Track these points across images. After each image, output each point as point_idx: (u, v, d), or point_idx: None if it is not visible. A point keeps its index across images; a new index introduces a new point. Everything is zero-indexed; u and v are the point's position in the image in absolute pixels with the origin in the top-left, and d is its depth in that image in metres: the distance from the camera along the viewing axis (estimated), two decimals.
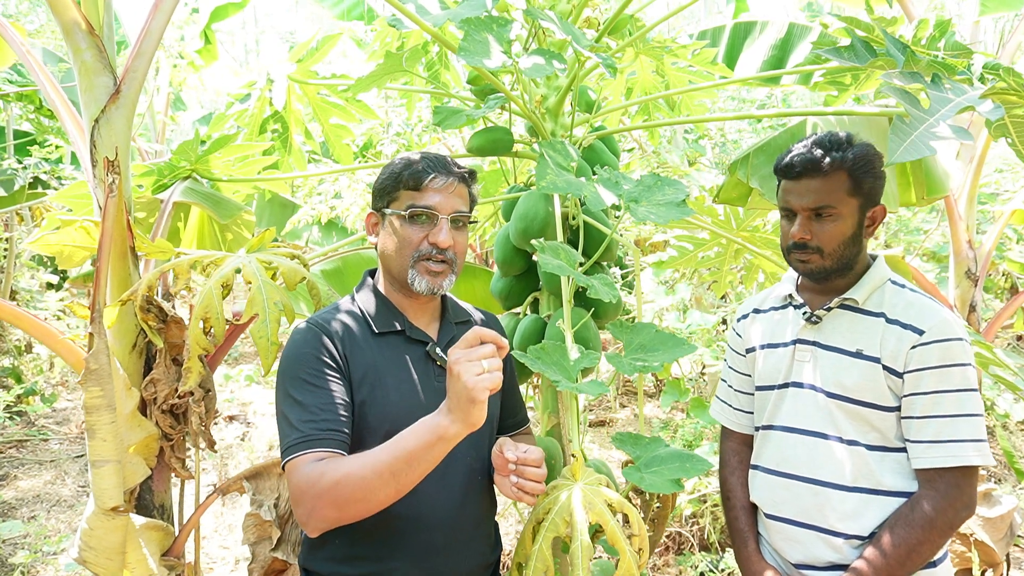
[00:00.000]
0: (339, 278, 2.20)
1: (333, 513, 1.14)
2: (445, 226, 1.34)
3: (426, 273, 1.34)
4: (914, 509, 1.39)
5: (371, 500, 1.13)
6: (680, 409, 5.95)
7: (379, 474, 1.12)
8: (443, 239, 1.33)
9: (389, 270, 1.40)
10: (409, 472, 1.12)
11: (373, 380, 1.31)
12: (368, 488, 1.12)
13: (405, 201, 1.35)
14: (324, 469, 1.15)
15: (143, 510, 1.71)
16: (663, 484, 1.59)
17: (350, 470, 1.14)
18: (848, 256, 1.48)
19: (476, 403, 1.07)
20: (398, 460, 1.12)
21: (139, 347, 1.72)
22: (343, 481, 1.13)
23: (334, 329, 1.33)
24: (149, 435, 1.63)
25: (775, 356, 1.61)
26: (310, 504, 1.15)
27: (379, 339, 1.36)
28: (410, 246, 1.34)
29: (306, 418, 1.21)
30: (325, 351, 1.29)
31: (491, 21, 1.69)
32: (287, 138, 3.00)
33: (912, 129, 1.11)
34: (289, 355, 1.30)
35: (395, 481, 1.12)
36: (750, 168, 1.94)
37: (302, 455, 1.19)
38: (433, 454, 1.12)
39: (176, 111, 7.83)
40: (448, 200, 1.35)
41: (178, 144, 2.12)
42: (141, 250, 1.70)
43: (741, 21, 3.62)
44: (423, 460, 1.12)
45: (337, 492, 1.13)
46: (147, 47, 1.71)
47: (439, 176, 1.34)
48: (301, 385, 1.25)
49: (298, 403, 1.23)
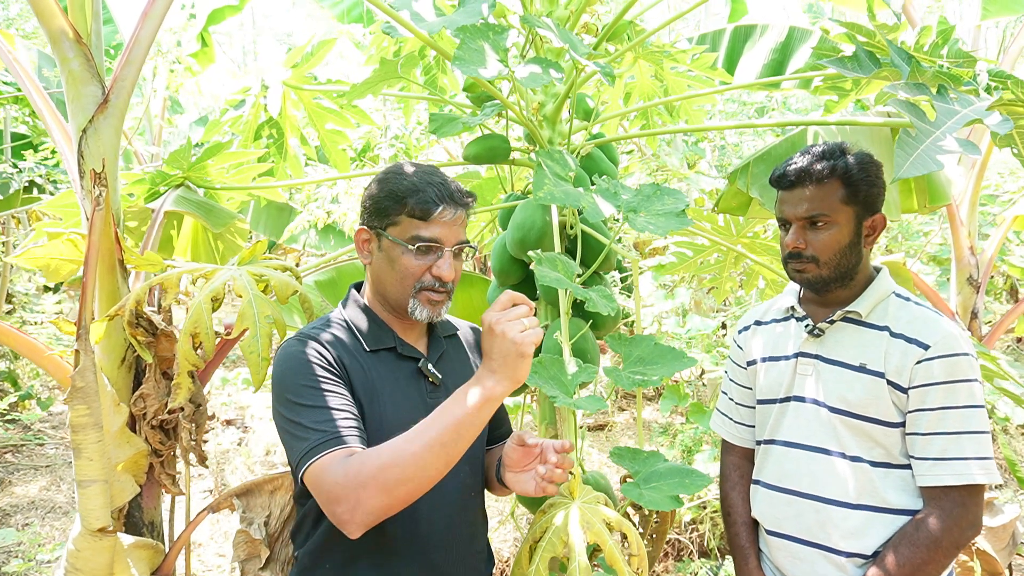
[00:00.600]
0: (333, 289, 2.17)
1: (382, 500, 1.08)
2: (449, 259, 1.31)
3: (427, 303, 1.31)
4: (919, 528, 1.36)
5: (422, 477, 1.09)
6: (680, 413, 5.92)
7: (430, 447, 1.08)
8: (447, 273, 1.30)
9: (385, 295, 1.35)
10: (459, 441, 1.09)
11: (370, 397, 1.28)
12: (420, 464, 1.08)
13: (409, 230, 1.30)
14: (363, 459, 1.10)
15: (132, 528, 1.67)
16: (662, 501, 1.56)
17: (395, 450, 1.09)
18: (845, 265, 1.46)
19: (525, 357, 1.08)
20: (447, 430, 1.08)
21: (128, 361, 1.68)
22: (390, 463, 1.08)
23: (328, 342, 1.29)
24: (138, 452, 1.60)
25: (777, 369, 1.58)
26: (354, 497, 1.08)
27: (371, 356, 1.33)
28: (412, 277, 1.30)
29: (323, 418, 1.17)
30: (324, 360, 1.25)
31: (487, 29, 1.66)
32: (282, 144, 2.97)
33: (918, 143, 1.08)
34: (285, 368, 1.24)
35: (445, 453, 1.09)
36: (750, 177, 1.92)
37: (328, 453, 1.13)
38: (481, 418, 1.10)
39: (173, 114, 7.80)
40: (453, 232, 1.32)
41: (173, 148, 2.09)
42: (130, 263, 1.66)
43: (741, 25, 3.60)
44: (472, 425, 1.10)
45: (385, 476, 1.08)
46: (136, 55, 1.68)
47: (447, 208, 1.30)
48: (306, 391, 1.20)
49: (308, 407, 1.18)
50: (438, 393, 1.36)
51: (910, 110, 1.12)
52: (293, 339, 1.30)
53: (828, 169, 1.41)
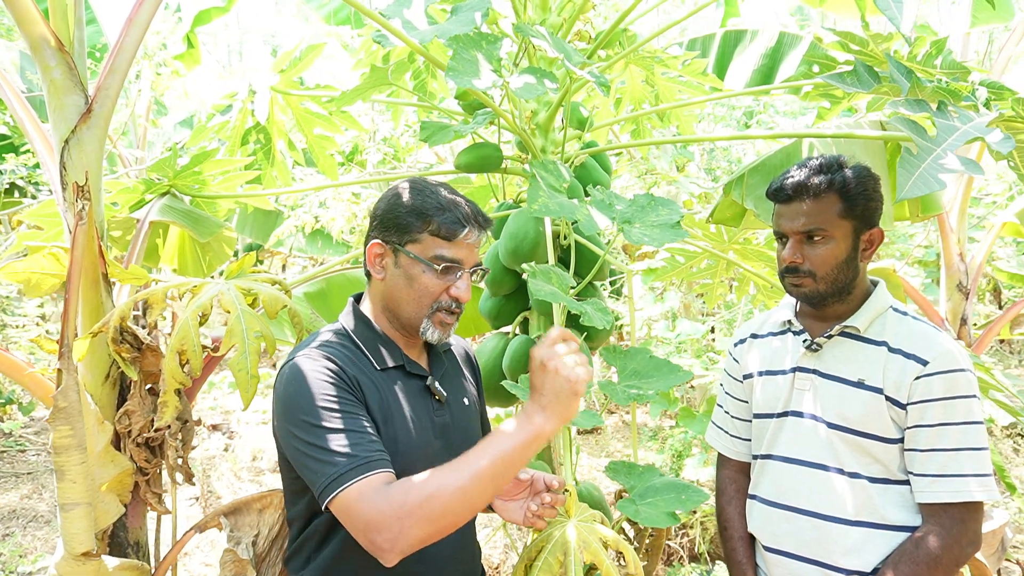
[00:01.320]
0: (324, 301, 2.14)
1: (425, 530, 1.07)
2: (468, 280, 1.29)
3: (439, 325, 1.29)
4: (919, 546, 1.35)
5: (466, 509, 1.08)
6: (669, 417, 5.92)
7: (479, 480, 1.07)
8: (464, 294, 1.28)
9: (397, 313, 1.31)
10: (506, 475, 1.09)
11: (384, 417, 1.24)
12: (467, 497, 1.07)
13: (432, 249, 1.26)
14: (407, 488, 1.08)
15: (117, 549, 1.63)
16: (659, 517, 1.55)
17: (444, 481, 1.08)
18: (843, 280, 1.45)
19: (578, 395, 1.08)
20: (496, 464, 1.07)
21: (112, 378, 1.64)
22: (437, 494, 1.06)
23: (341, 361, 1.23)
24: (123, 471, 1.56)
25: (774, 384, 1.57)
26: (397, 527, 1.06)
27: (382, 375, 1.29)
28: (430, 296, 1.27)
29: (351, 442, 1.13)
30: (340, 379, 1.20)
31: (480, 38, 1.63)
32: (270, 149, 2.93)
33: (920, 161, 1.06)
34: (299, 387, 1.19)
35: (493, 486, 1.08)
36: (745, 188, 1.90)
37: (362, 479, 1.09)
38: (528, 454, 1.09)
39: (159, 116, 7.70)
40: (472, 254, 1.31)
41: (158, 150, 2.04)
42: (114, 276, 1.62)
43: (731, 29, 3.59)
44: (520, 461, 1.09)
45: (431, 507, 1.06)
46: (121, 63, 1.64)
47: (472, 231, 1.28)
48: (326, 413, 1.15)
49: (331, 430, 1.14)
50: (444, 411, 1.34)
51: (911, 128, 1.10)
52: (302, 356, 1.23)
53: (826, 183, 1.40)
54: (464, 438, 1.37)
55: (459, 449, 1.34)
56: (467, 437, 1.38)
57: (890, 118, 1.15)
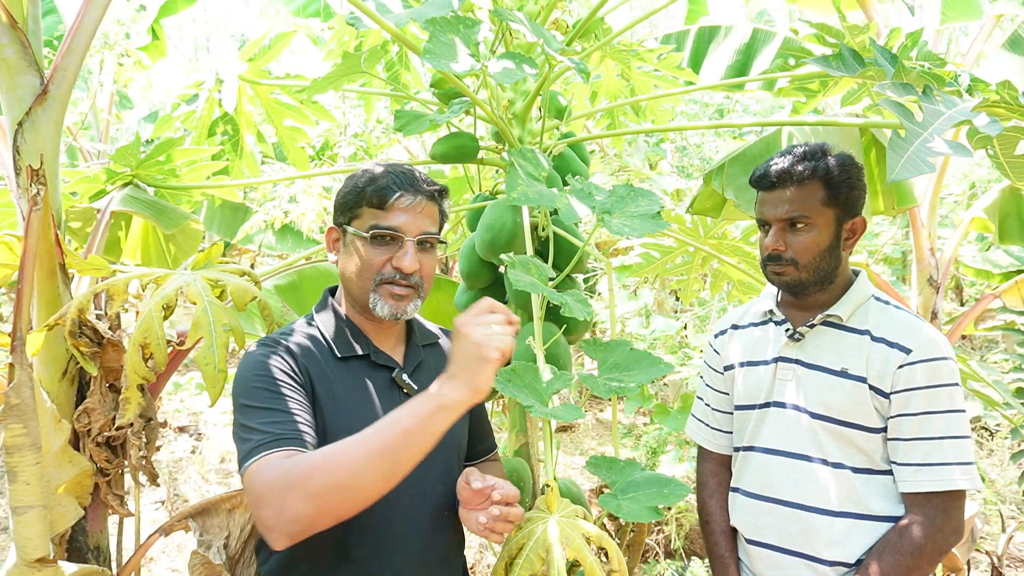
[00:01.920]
0: (295, 294, 2.07)
1: (307, 507, 0.97)
2: (411, 249, 1.23)
3: (389, 297, 1.23)
4: (902, 536, 1.34)
5: (356, 488, 0.98)
6: (644, 414, 5.93)
7: (368, 454, 0.97)
8: (408, 263, 1.22)
9: (350, 292, 1.29)
10: (406, 451, 0.99)
11: (335, 408, 1.20)
12: (354, 471, 0.97)
13: (368, 220, 1.24)
14: (296, 461, 1.00)
15: (76, 554, 1.55)
16: (641, 512, 1.51)
17: (330, 454, 0.99)
18: (825, 268, 1.44)
19: (486, 362, 1.01)
20: (390, 436, 0.99)
21: (70, 374, 1.56)
22: (321, 467, 0.97)
23: (292, 349, 1.22)
24: (82, 471, 1.48)
25: (755, 374, 1.56)
26: (277, 501, 0.97)
27: (341, 364, 1.25)
28: (372, 269, 1.23)
29: (271, 419, 1.08)
30: (285, 364, 1.17)
31: (458, 22, 1.59)
32: (238, 141, 2.84)
33: (908, 144, 1.05)
34: (242, 373, 1.17)
35: (386, 463, 0.98)
36: (725, 178, 1.89)
37: (268, 455, 1.03)
38: (432, 428, 1.01)
39: (123, 109, 7.49)
40: (415, 220, 1.25)
41: (119, 146, 1.96)
42: (72, 267, 1.54)
43: (706, 25, 3.59)
44: (420, 435, 1.00)
45: (314, 480, 0.96)
46: (79, 43, 1.56)
47: (405, 195, 1.24)
48: (258, 394, 1.12)
49: (257, 409, 1.10)
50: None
51: (899, 111, 1.09)
52: (256, 344, 1.23)
53: (809, 170, 1.39)
54: (445, 436, 1.31)
55: (437, 447, 1.29)
56: (448, 435, 1.32)
57: (877, 101, 1.14)
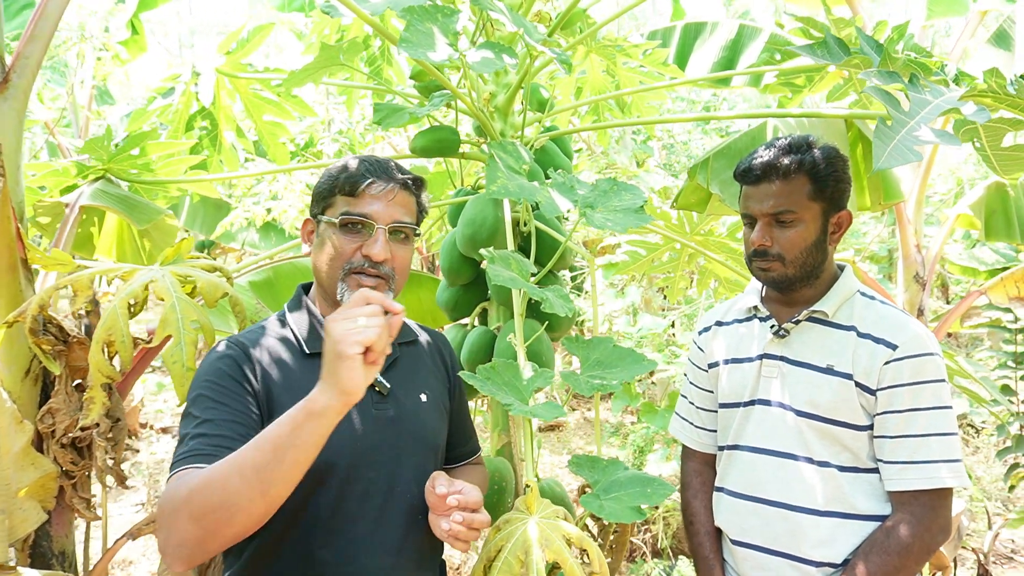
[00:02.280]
0: (270, 290, 2.02)
1: (193, 530, 0.92)
2: (381, 237, 1.19)
3: (357, 287, 1.19)
4: (889, 535, 1.32)
5: (232, 507, 0.92)
6: (631, 412, 5.91)
7: (240, 471, 0.92)
8: (377, 251, 1.18)
9: (321, 283, 1.25)
10: (276, 465, 0.92)
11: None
12: (228, 490, 0.92)
13: (339, 208, 1.21)
14: (182, 482, 0.96)
15: (40, 560, 1.50)
16: (623, 512, 1.48)
17: (209, 474, 0.95)
18: (812, 264, 1.41)
19: (344, 359, 0.91)
20: (259, 451, 0.93)
21: (34, 373, 1.50)
22: (200, 488, 0.93)
23: (254, 350, 1.18)
24: (45, 474, 1.43)
25: (740, 372, 1.52)
26: (168, 523, 0.94)
27: (311, 361, 1.21)
28: (341, 257, 1.19)
29: (200, 432, 1.05)
30: (238, 369, 1.13)
31: (436, 11, 1.55)
32: (216, 135, 2.79)
33: (895, 133, 1.02)
34: (198, 373, 1.14)
35: (259, 479, 0.92)
36: (710, 172, 1.86)
37: (178, 471, 1.00)
38: (303, 436, 0.93)
39: (103, 104, 7.37)
40: (387, 209, 1.21)
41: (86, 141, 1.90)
42: (35, 262, 1.49)
43: (691, 22, 3.57)
44: (291, 447, 0.92)
45: (195, 502, 0.93)
46: (42, 30, 1.50)
47: (377, 182, 1.20)
48: (203, 402, 1.09)
49: (193, 418, 1.07)
50: (386, 405, 1.24)
51: (886, 98, 1.06)
52: (219, 344, 1.19)
53: (795, 164, 1.36)
54: (418, 436, 1.28)
55: (411, 446, 1.26)
56: (422, 435, 1.29)
57: (862, 90, 1.11)
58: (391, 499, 1.22)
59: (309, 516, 1.14)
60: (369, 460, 1.19)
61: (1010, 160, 1.37)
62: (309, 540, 1.14)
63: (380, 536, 1.19)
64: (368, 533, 1.18)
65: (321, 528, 1.15)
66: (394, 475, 1.23)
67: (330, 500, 1.15)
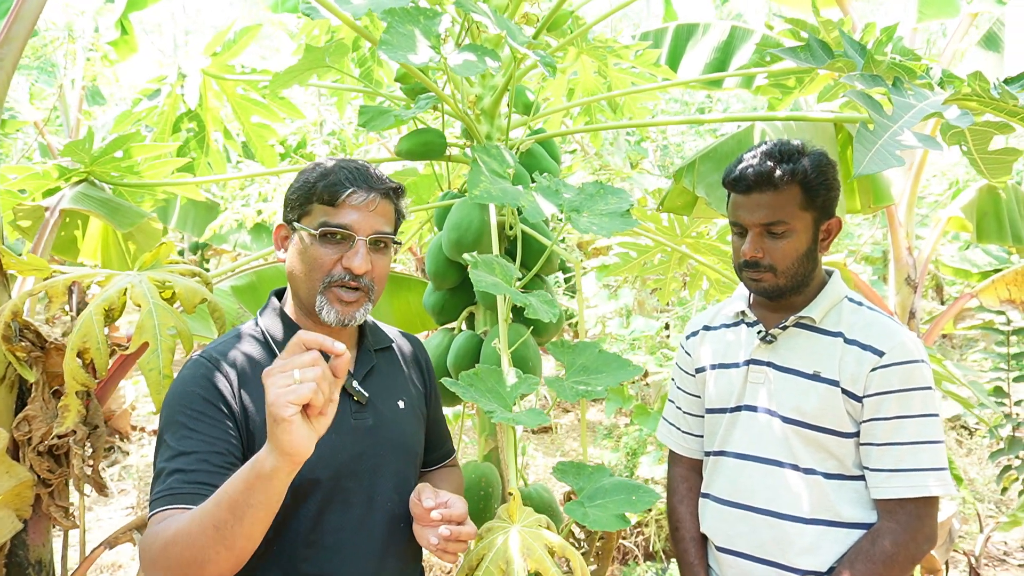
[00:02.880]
0: (253, 295, 1.99)
1: None
2: (362, 249, 1.16)
3: (337, 302, 1.16)
4: (875, 543, 1.30)
5: (202, 562, 0.94)
6: (625, 415, 5.90)
7: (203, 528, 0.93)
8: (358, 264, 1.15)
9: (297, 293, 1.22)
10: (235, 524, 0.91)
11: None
12: (195, 547, 0.93)
13: (318, 217, 1.17)
14: (158, 531, 0.98)
15: (16, 569, 1.47)
16: (608, 520, 1.46)
17: (178, 528, 0.96)
18: (803, 273, 1.39)
19: (280, 423, 0.87)
20: (219, 508, 0.93)
21: (9, 380, 1.48)
22: (171, 542, 0.96)
23: (229, 362, 1.14)
24: (21, 482, 1.40)
25: (727, 377, 1.51)
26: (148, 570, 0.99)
27: None
28: (320, 269, 1.16)
29: (174, 468, 1.03)
30: (214, 390, 1.10)
31: (418, 13, 1.53)
32: (203, 138, 2.76)
33: (877, 137, 1.00)
34: (172, 393, 1.12)
35: (219, 536, 0.92)
36: (696, 176, 1.84)
37: (160, 511, 1.01)
38: (256, 497, 0.91)
39: (94, 105, 7.34)
40: (367, 219, 1.18)
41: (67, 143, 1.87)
42: (10, 267, 1.46)
43: (683, 23, 3.56)
44: (246, 505, 0.91)
45: (167, 555, 0.96)
46: (18, 32, 1.48)
47: (358, 191, 1.17)
48: (178, 430, 1.07)
49: (170, 449, 1.05)
50: (364, 414, 1.22)
51: (868, 102, 1.05)
52: (193, 358, 1.16)
53: (787, 174, 1.33)
54: (397, 443, 1.26)
55: (390, 454, 1.24)
56: (401, 443, 1.27)
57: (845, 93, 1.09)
58: (372, 508, 1.20)
59: (291, 530, 1.13)
60: (350, 471, 1.18)
61: (997, 164, 1.36)
62: (292, 554, 1.13)
63: (362, 545, 1.18)
64: (350, 543, 1.17)
65: (303, 541, 1.13)
66: (374, 484, 1.21)
67: (312, 513, 1.14)
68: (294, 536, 1.13)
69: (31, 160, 6.18)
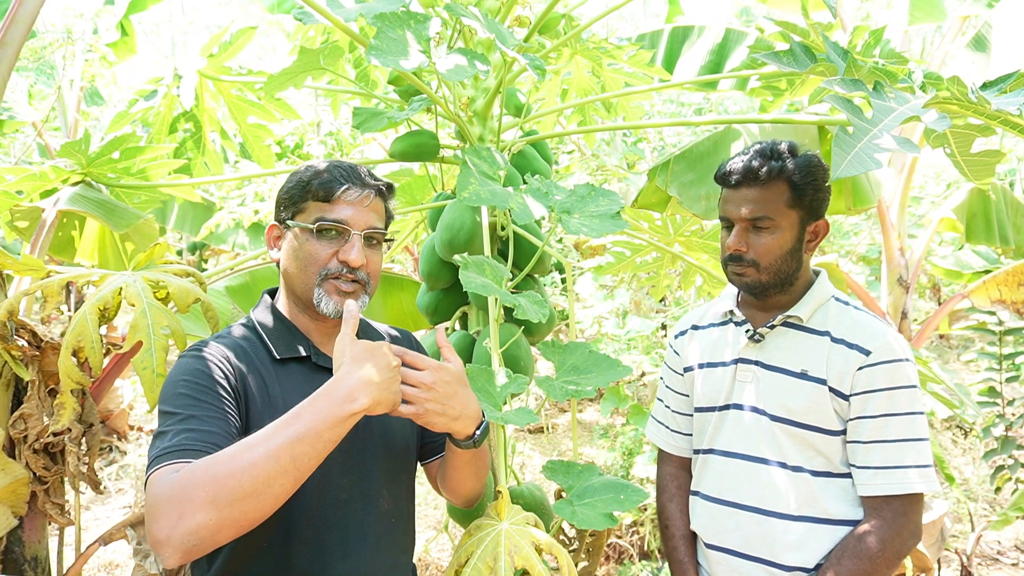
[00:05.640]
0: (247, 295, 2.01)
1: (210, 517, 0.89)
2: (358, 243, 1.20)
3: (335, 293, 1.19)
4: (861, 540, 1.33)
5: (263, 495, 0.91)
6: (621, 414, 5.92)
7: (276, 458, 0.92)
8: (355, 257, 1.18)
9: (292, 289, 1.24)
10: (312, 457, 0.95)
11: (272, 413, 1.14)
12: (260, 478, 0.91)
13: (313, 214, 1.20)
14: (192, 468, 0.93)
15: (11, 566, 1.49)
16: (596, 519, 1.48)
17: (232, 458, 0.93)
18: (786, 271, 1.41)
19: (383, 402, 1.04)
20: (298, 440, 0.94)
21: (5, 378, 1.50)
22: (224, 472, 0.91)
23: (227, 352, 1.16)
24: (16, 479, 1.42)
25: (715, 376, 1.53)
26: (176, 512, 0.89)
27: (280, 366, 1.21)
28: (317, 264, 1.19)
29: (185, 427, 1.02)
30: (217, 369, 1.12)
31: (408, 17, 1.55)
32: (200, 138, 2.78)
33: (856, 141, 1.02)
34: (171, 377, 1.12)
35: (295, 466, 0.93)
36: (669, 175, 1.86)
37: (164, 465, 0.97)
38: (336, 432, 0.98)
39: (93, 105, 7.35)
40: (361, 215, 1.21)
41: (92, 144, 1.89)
42: (6, 267, 1.48)
43: (679, 25, 3.59)
44: (328, 441, 0.97)
45: (216, 488, 0.90)
46: (14, 36, 1.50)
47: (352, 188, 1.20)
48: (178, 400, 1.06)
49: (172, 415, 1.05)
50: None
51: (847, 106, 1.07)
52: (191, 347, 1.18)
53: (776, 170, 1.36)
54: (389, 439, 1.28)
55: (381, 450, 1.26)
56: (393, 439, 1.29)
57: (824, 97, 1.11)
58: (363, 504, 1.22)
59: (283, 527, 1.14)
60: (341, 467, 1.20)
61: (979, 166, 1.38)
62: (285, 550, 1.14)
63: (354, 542, 1.20)
64: (341, 539, 1.18)
65: (297, 535, 1.15)
66: (366, 480, 1.23)
67: (304, 509, 1.15)
68: (287, 533, 1.15)
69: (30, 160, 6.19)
